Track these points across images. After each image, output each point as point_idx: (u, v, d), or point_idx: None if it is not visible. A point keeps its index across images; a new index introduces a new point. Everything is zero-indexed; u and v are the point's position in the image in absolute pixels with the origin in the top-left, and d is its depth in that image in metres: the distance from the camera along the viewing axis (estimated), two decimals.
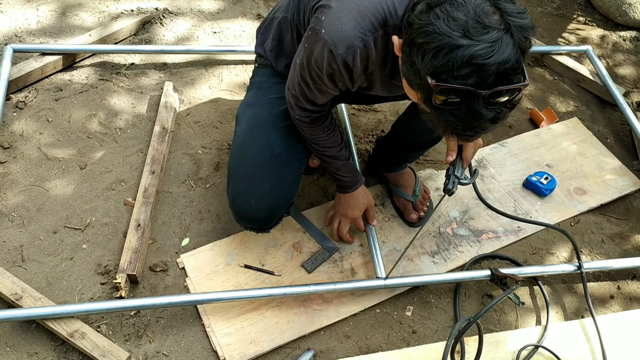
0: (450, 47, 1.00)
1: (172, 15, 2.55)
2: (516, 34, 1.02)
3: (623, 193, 2.15)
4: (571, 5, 3.03)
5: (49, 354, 1.58)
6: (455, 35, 1.00)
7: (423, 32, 1.03)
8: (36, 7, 2.47)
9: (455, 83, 1.01)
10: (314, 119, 1.57)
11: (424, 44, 1.03)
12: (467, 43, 0.99)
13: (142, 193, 1.87)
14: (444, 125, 1.10)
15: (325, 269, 1.81)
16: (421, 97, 1.11)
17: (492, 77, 1.00)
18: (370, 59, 1.31)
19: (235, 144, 1.69)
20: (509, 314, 1.81)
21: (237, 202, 1.67)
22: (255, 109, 1.69)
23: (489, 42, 0.99)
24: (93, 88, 2.22)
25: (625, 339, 1.76)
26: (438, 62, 1.01)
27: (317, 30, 1.29)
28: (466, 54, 0.99)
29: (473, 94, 1.01)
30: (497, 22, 1.01)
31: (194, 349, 1.63)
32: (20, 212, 1.85)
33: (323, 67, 1.33)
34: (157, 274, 1.76)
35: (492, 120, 1.06)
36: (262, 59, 1.76)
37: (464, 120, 1.06)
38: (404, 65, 1.12)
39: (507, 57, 1.00)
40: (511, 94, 1.05)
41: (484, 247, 1.94)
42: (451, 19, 1.01)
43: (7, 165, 1.95)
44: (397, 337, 1.72)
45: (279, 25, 1.64)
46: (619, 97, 2.39)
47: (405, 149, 1.90)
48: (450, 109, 1.05)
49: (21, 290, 1.61)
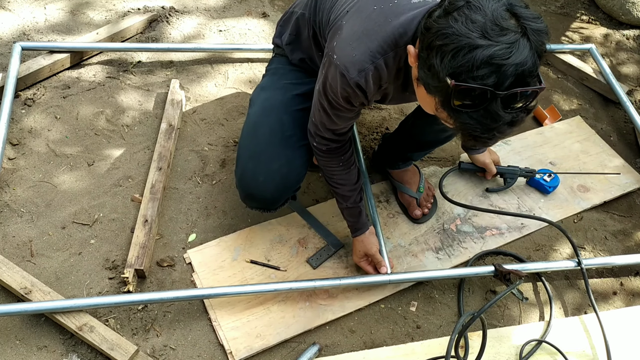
0: (470, 47, 1.01)
1: (178, 14, 2.57)
2: (533, 38, 1.03)
3: (626, 190, 2.16)
4: (575, 4, 3.04)
5: (58, 347, 1.60)
6: (474, 36, 1.01)
7: (442, 35, 1.04)
8: (44, 5, 2.49)
9: (474, 83, 1.01)
10: (332, 149, 1.59)
11: (442, 46, 1.04)
12: (486, 43, 1.00)
13: (149, 189, 1.89)
14: (462, 129, 1.11)
15: (331, 264, 1.83)
16: (439, 101, 1.11)
17: (510, 78, 1.01)
18: (383, 79, 1.34)
19: (247, 125, 1.71)
20: (512, 310, 1.82)
21: (245, 180, 1.68)
22: (269, 92, 1.72)
23: (507, 44, 1.00)
24: (100, 85, 2.24)
25: (628, 334, 1.77)
26: (457, 62, 1.02)
27: (331, 57, 1.33)
28: (485, 54, 1.00)
29: (491, 95, 1.02)
30: (514, 26, 1.03)
31: (200, 343, 1.65)
32: (29, 207, 1.87)
33: (338, 91, 1.36)
34: (164, 269, 1.78)
35: (509, 123, 1.07)
36: (279, 49, 1.80)
37: (482, 123, 1.06)
38: (421, 70, 1.13)
39: (525, 59, 1.01)
40: (527, 99, 1.06)
41: (488, 243, 1.95)
42: (470, 21, 1.02)
43: (16, 161, 1.97)
44: (402, 332, 1.74)
45: (297, 21, 1.67)
46: (623, 96, 2.40)
47: (412, 147, 1.91)
48: (468, 112, 1.06)
49: (30, 285, 1.63)
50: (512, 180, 2.07)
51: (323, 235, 1.88)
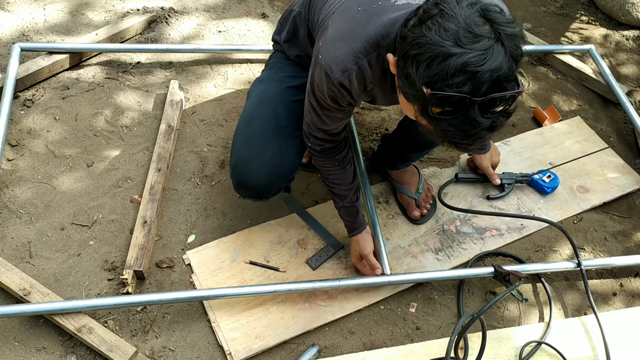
0: (444, 55, 1.01)
1: (177, 15, 2.57)
2: (507, 43, 1.03)
3: (626, 191, 2.16)
4: (574, 5, 3.04)
5: (57, 349, 1.60)
6: (447, 44, 1.01)
7: (416, 44, 1.05)
8: (43, 6, 2.49)
9: (450, 91, 1.02)
10: (325, 149, 1.59)
11: (417, 55, 1.05)
12: (459, 51, 1.01)
13: (148, 190, 1.89)
14: (442, 136, 1.11)
15: (330, 265, 1.83)
16: (418, 109, 1.12)
17: (486, 84, 1.02)
18: (367, 79, 1.35)
19: (242, 115, 1.72)
20: (512, 311, 1.82)
21: (238, 168, 1.68)
22: (265, 84, 1.73)
23: (481, 50, 1.01)
24: (100, 86, 2.24)
25: (627, 335, 1.77)
26: (432, 71, 1.03)
27: (317, 57, 1.35)
28: (459, 62, 1.00)
29: (468, 102, 1.03)
30: (488, 32, 1.03)
31: (200, 344, 1.64)
32: (28, 208, 1.87)
33: (324, 90, 1.37)
34: (163, 270, 1.78)
35: (489, 128, 1.07)
36: (278, 45, 1.82)
37: (461, 130, 1.07)
38: (399, 79, 1.14)
39: (500, 64, 1.02)
40: (506, 103, 1.06)
41: (488, 244, 1.95)
42: (443, 30, 1.03)
43: (15, 162, 1.97)
44: (401, 333, 1.74)
45: (295, 19, 1.68)
46: (622, 96, 2.40)
47: (410, 147, 1.91)
48: (447, 119, 1.06)
49: (29, 286, 1.63)
50: (510, 186, 2.08)
51: (322, 236, 1.88)
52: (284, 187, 1.75)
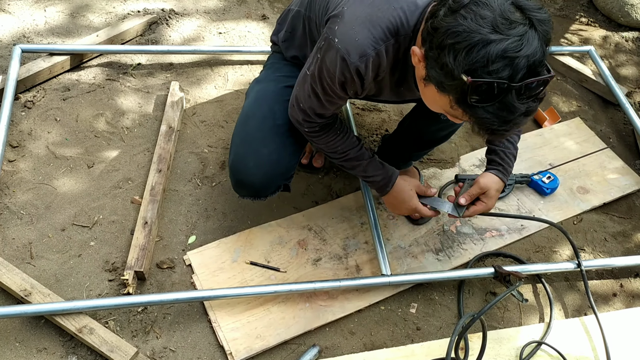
0: (483, 42, 1.03)
1: (178, 16, 2.57)
2: (539, 28, 1.05)
3: (625, 192, 2.17)
4: (574, 6, 3.05)
5: (58, 349, 1.60)
6: (485, 31, 1.03)
7: (453, 33, 1.06)
8: (44, 8, 2.49)
9: (490, 78, 1.03)
10: (322, 126, 1.59)
11: (455, 44, 1.05)
12: (498, 38, 1.02)
13: (149, 191, 1.89)
14: (479, 124, 1.12)
15: (331, 265, 1.83)
16: (454, 99, 1.12)
17: (523, 70, 1.04)
18: (382, 67, 1.34)
19: (240, 115, 1.73)
20: (512, 311, 1.82)
21: (236, 166, 1.68)
22: (263, 84, 1.74)
23: (518, 36, 1.03)
24: (100, 88, 2.24)
25: (628, 336, 1.77)
26: (472, 58, 1.04)
27: (331, 40, 1.32)
28: (499, 48, 1.02)
29: (507, 88, 1.04)
30: (521, 18, 1.05)
31: (200, 344, 1.64)
32: (28, 209, 1.87)
33: (335, 75, 1.35)
34: (164, 271, 1.78)
35: (525, 113, 1.09)
36: (276, 46, 1.82)
37: (499, 116, 1.08)
38: (432, 69, 1.14)
39: (535, 50, 1.04)
40: (539, 87, 1.08)
41: (488, 245, 1.95)
42: (479, 17, 1.04)
43: (16, 163, 1.97)
44: (402, 333, 1.74)
45: (293, 19, 1.68)
46: (622, 97, 2.40)
47: (411, 147, 1.91)
48: (484, 106, 1.08)
49: (30, 287, 1.63)
50: (509, 186, 2.08)
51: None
52: (284, 186, 1.75)
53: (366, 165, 1.63)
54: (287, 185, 1.76)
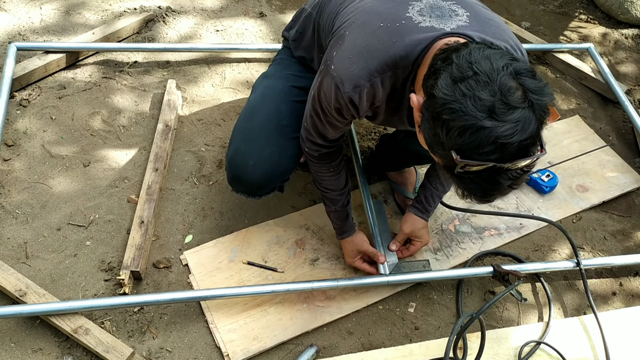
0: (477, 128, 1.00)
1: (175, 14, 2.55)
2: (538, 111, 1.02)
3: (625, 190, 2.16)
4: (573, 4, 3.04)
5: (53, 350, 1.58)
6: (481, 116, 0.99)
7: (449, 109, 1.02)
8: (40, 5, 2.48)
9: (478, 159, 1.02)
10: (322, 154, 1.58)
11: (449, 121, 1.02)
12: (492, 125, 0.99)
13: (145, 190, 1.88)
14: (463, 189, 1.12)
15: (328, 265, 1.82)
16: (442, 164, 1.12)
17: (513, 152, 1.02)
18: (377, 97, 1.32)
19: (245, 109, 1.71)
20: (511, 311, 1.81)
21: (235, 162, 1.67)
22: (271, 80, 1.73)
23: (514, 122, 1.00)
24: (96, 86, 2.23)
25: (627, 335, 1.76)
26: (464, 140, 1.01)
27: (328, 66, 1.32)
28: (492, 135, 0.99)
29: (495, 169, 1.03)
30: (521, 100, 1.01)
31: (197, 345, 1.63)
32: (24, 209, 1.86)
33: (331, 101, 1.34)
34: (160, 271, 1.77)
35: (510, 186, 1.09)
36: (287, 42, 1.80)
37: (483, 188, 1.08)
38: (425, 131, 1.12)
39: (530, 134, 1.01)
40: (529, 164, 1.07)
41: (486, 243, 1.94)
42: (477, 99, 1.00)
43: (11, 162, 1.96)
44: (400, 333, 1.73)
45: (305, 20, 1.67)
46: (621, 95, 2.39)
47: (408, 159, 1.94)
48: (471, 177, 1.07)
49: (25, 287, 1.62)
50: None
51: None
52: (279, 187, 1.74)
53: (334, 211, 1.72)
54: (282, 186, 1.76)
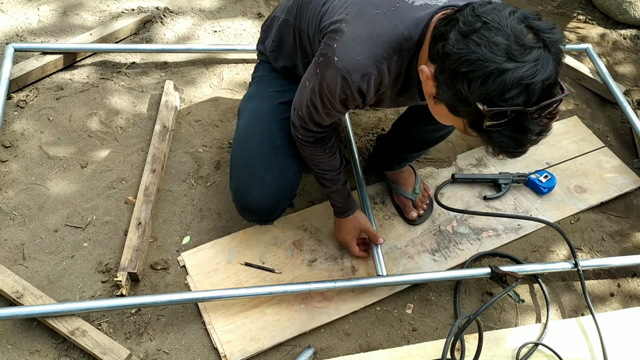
0: (499, 72, 1.01)
1: (172, 14, 2.55)
2: (553, 49, 1.04)
3: (623, 191, 2.15)
4: (571, 4, 3.04)
5: (50, 352, 1.58)
6: (500, 60, 1.01)
7: (466, 61, 1.03)
8: (37, 6, 2.47)
9: (505, 105, 1.02)
10: (317, 139, 1.57)
11: (469, 72, 1.03)
12: (513, 66, 1.00)
13: (142, 191, 1.87)
14: (494, 146, 1.12)
15: (326, 266, 1.82)
16: (468, 123, 1.12)
17: (538, 94, 1.02)
18: (384, 83, 1.32)
19: (236, 137, 1.70)
20: (509, 312, 1.81)
21: (240, 194, 1.67)
22: (256, 102, 1.70)
23: (533, 62, 1.01)
24: (94, 87, 2.22)
25: (625, 336, 1.76)
26: (487, 88, 1.02)
27: (330, 58, 1.30)
28: (515, 76, 1.00)
29: (522, 113, 1.03)
30: (535, 41, 1.03)
31: (194, 347, 1.63)
32: (21, 210, 1.85)
33: (336, 93, 1.34)
34: (157, 272, 1.77)
35: (539, 133, 1.09)
36: (263, 56, 1.78)
37: (514, 139, 1.08)
38: (444, 93, 1.12)
39: (550, 73, 1.02)
40: (553, 106, 1.07)
41: (484, 244, 1.94)
42: (493, 44, 1.02)
43: (8, 164, 1.96)
44: (398, 334, 1.72)
45: (280, 28, 1.65)
46: (619, 96, 2.39)
47: (406, 148, 1.90)
48: (499, 130, 1.07)
49: (22, 289, 1.62)
50: (506, 185, 2.07)
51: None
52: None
53: (335, 190, 1.71)
54: (292, 203, 1.77)
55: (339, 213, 1.77)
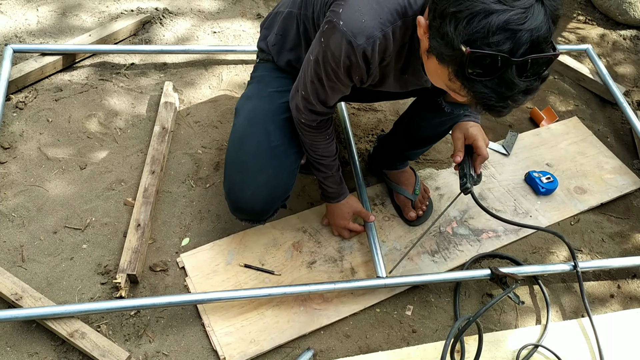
0: (485, 12, 0.99)
1: (171, 15, 2.55)
2: (547, 2, 1.02)
3: (623, 192, 2.15)
4: (571, 4, 3.03)
5: (49, 354, 1.58)
6: (489, 0, 0.99)
7: (456, 1, 1.02)
8: (36, 7, 2.47)
9: (489, 50, 1.00)
10: (320, 122, 1.57)
11: (457, 12, 1.02)
12: (501, 8, 0.98)
13: (142, 193, 1.87)
14: (477, 98, 1.08)
15: (325, 268, 1.81)
16: (452, 71, 1.09)
17: (525, 45, 1.00)
18: (388, 51, 1.31)
19: (233, 136, 1.69)
20: (508, 313, 1.81)
21: (234, 193, 1.67)
22: (254, 102, 1.70)
23: (523, 9, 0.99)
24: (93, 88, 2.22)
25: (624, 338, 1.76)
26: (472, 28, 1.00)
27: (335, 23, 1.28)
28: (501, 19, 0.98)
29: (507, 62, 1.00)
30: None
31: (194, 349, 1.63)
32: (20, 212, 1.85)
33: (341, 59, 1.32)
34: (157, 274, 1.76)
35: (524, 91, 1.06)
36: (264, 54, 1.77)
37: (497, 92, 1.05)
38: (433, 39, 1.10)
39: (540, 24, 1.00)
40: (541, 65, 1.05)
41: (484, 246, 1.94)
42: None
43: (7, 165, 1.95)
44: (397, 336, 1.72)
45: (284, 20, 1.64)
46: (619, 96, 2.39)
47: (409, 145, 1.89)
48: (482, 80, 1.04)
49: (21, 290, 1.61)
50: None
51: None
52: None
53: (330, 175, 1.73)
54: (284, 204, 1.76)
55: (331, 198, 1.80)
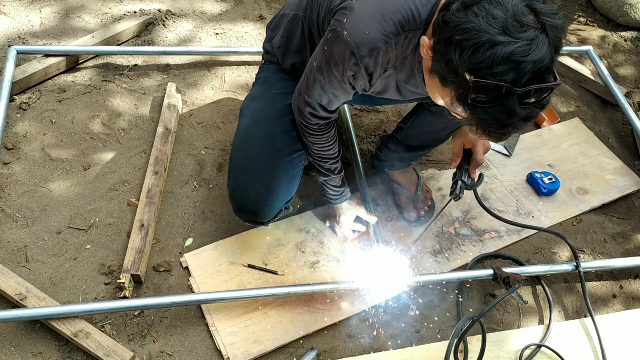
0: (491, 43, 1.01)
1: (174, 17, 2.56)
2: (551, 34, 1.03)
3: (625, 193, 2.16)
4: (572, 6, 3.04)
5: (54, 354, 1.58)
6: (494, 31, 1.01)
7: (462, 29, 1.04)
8: (39, 9, 2.48)
9: (493, 79, 1.02)
10: (322, 126, 1.57)
11: (462, 41, 1.04)
12: (506, 40, 1.00)
13: (145, 193, 1.87)
14: (477, 124, 1.11)
15: (329, 268, 1.82)
16: (454, 95, 1.11)
17: (528, 75, 1.02)
18: (390, 62, 1.33)
19: (237, 137, 1.70)
20: (511, 313, 1.81)
21: (237, 195, 1.67)
22: (259, 103, 1.70)
23: (527, 40, 1.01)
24: (96, 89, 2.22)
25: (626, 338, 1.76)
26: (477, 58, 1.02)
27: (339, 32, 1.30)
28: (506, 51, 1.00)
29: (509, 91, 1.03)
30: (533, 22, 1.03)
31: (197, 349, 1.63)
32: (24, 212, 1.85)
33: (344, 69, 1.33)
34: (160, 274, 1.77)
35: (524, 118, 1.08)
36: (269, 55, 1.78)
37: (498, 118, 1.07)
38: (437, 63, 1.13)
39: (543, 56, 1.02)
40: (542, 94, 1.06)
41: (487, 246, 1.94)
42: (490, 17, 1.02)
43: (11, 166, 1.96)
44: (401, 336, 1.72)
45: (290, 23, 1.65)
46: (621, 97, 2.39)
47: (411, 147, 1.90)
48: (484, 107, 1.06)
49: (25, 291, 1.62)
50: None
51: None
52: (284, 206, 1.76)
53: (332, 177, 1.74)
54: (288, 206, 1.77)
55: (334, 199, 1.80)
